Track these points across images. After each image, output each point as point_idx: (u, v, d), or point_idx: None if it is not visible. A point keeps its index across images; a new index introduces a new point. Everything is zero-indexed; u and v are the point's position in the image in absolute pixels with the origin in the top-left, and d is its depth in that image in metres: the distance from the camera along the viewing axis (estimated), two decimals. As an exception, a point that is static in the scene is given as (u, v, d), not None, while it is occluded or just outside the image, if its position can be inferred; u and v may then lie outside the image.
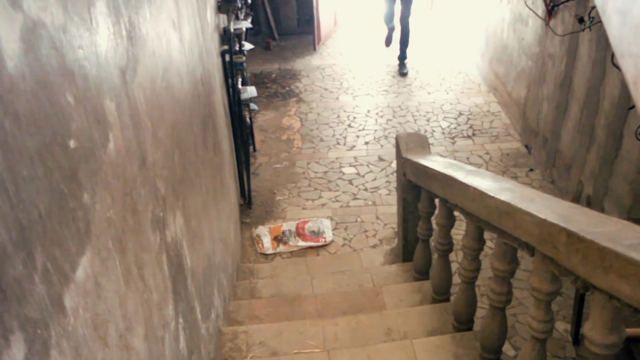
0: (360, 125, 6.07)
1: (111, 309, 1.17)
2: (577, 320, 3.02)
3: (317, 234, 4.31)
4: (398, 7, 6.97)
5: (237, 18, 4.23)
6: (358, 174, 5.21)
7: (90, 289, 1.05)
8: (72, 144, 1.00)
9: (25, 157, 0.82)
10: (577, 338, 3.07)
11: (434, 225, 2.94)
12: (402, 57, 7.16)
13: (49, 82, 0.92)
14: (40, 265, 0.85)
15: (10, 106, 0.78)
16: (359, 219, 4.58)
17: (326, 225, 4.43)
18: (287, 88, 6.99)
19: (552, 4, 4.49)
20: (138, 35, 1.51)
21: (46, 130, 0.90)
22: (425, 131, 5.85)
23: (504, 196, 1.98)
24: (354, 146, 5.68)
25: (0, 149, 0.75)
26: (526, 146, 5.41)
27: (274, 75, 7.35)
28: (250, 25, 4.58)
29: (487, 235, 2.36)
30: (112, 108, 1.24)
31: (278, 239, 4.32)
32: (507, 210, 1.92)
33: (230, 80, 3.96)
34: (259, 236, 4.36)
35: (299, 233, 4.36)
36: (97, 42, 1.16)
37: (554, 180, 4.75)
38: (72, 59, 1.02)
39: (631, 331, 2.26)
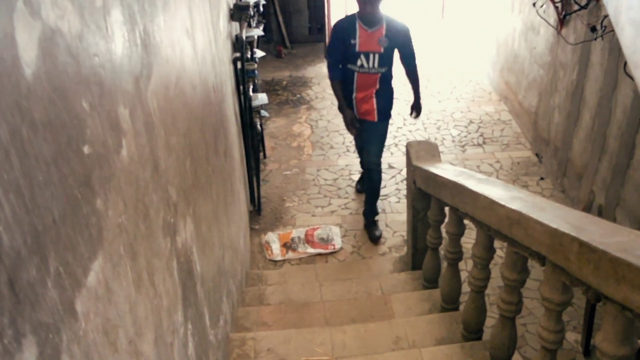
0: (371, 132, 6.06)
1: (121, 314, 1.17)
2: (588, 331, 3.00)
3: (326, 241, 4.31)
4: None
5: (249, 26, 4.25)
6: (368, 181, 5.20)
7: (102, 294, 1.06)
8: (86, 150, 1.01)
9: (41, 163, 0.83)
10: (587, 349, 3.05)
11: (444, 234, 2.94)
12: (372, 213, 4.54)
13: (65, 89, 0.93)
14: (53, 270, 0.86)
15: (27, 113, 0.79)
16: (368, 227, 4.57)
17: (335, 233, 4.42)
18: (298, 95, 7.01)
19: (564, 12, 4.48)
20: (152, 43, 1.52)
21: (61, 137, 0.91)
22: (436, 139, 5.85)
23: (514, 205, 1.97)
24: (364, 154, 5.68)
25: (17, 155, 0.76)
26: (537, 155, 5.39)
27: (285, 83, 7.38)
28: (262, 33, 4.60)
29: (497, 244, 2.35)
30: (126, 115, 1.25)
31: (287, 246, 4.32)
32: (518, 219, 1.91)
33: (241, 87, 3.97)
34: (268, 243, 4.37)
35: (308, 240, 4.36)
36: (113, 50, 1.17)
37: (565, 189, 4.72)
38: (88, 66, 1.03)
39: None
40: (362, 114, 4.19)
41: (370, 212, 4.52)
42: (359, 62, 4.00)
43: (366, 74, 4.04)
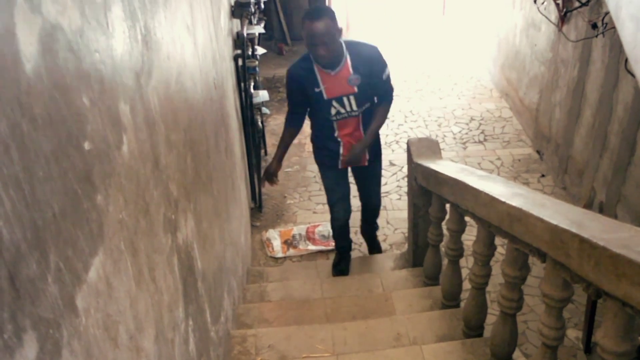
0: (372, 129, 6.06)
1: (122, 310, 1.17)
2: (589, 327, 3.00)
3: (327, 238, 4.31)
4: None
5: (250, 23, 4.24)
6: (369, 178, 5.19)
7: (102, 289, 1.06)
8: (86, 145, 1.01)
9: (41, 158, 0.83)
10: (588, 346, 3.05)
11: (445, 231, 2.94)
12: (375, 227, 4.12)
13: (65, 85, 0.93)
14: (53, 265, 0.86)
15: (27, 108, 0.79)
16: (369, 224, 4.57)
17: (336, 230, 4.42)
18: (298, 92, 7.00)
19: (565, 9, 4.47)
20: (153, 39, 1.52)
21: (62, 132, 0.91)
22: (437, 136, 5.84)
23: (515, 202, 1.97)
24: (365, 151, 5.67)
25: (17, 150, 0.76)
26: (538, 152, 5.39)
27: (286, 80, 7.36)
28: (263, 30, 4.60)
29: (498, 241, 2.35)
30: (126, 111, 1.25)
31: (288, 243, 4.32)
32: (519, 215, 1.91)
33: (242, 84, 3.97)
34: (269, 240, 4.37)
35: (309, 237, 4.36)
36: (113, 46, 1.17)
37: (566, 186, 4.72)
38: (88, 62, 1.03)
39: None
40: (352, 163, 3.42)
41: (374, 230, 4.10)
42: (333, 111, 3.18)
43: (345, 119, 3.22)
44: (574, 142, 4.53)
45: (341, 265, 3.88)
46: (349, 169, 3.60)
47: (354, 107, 3.17)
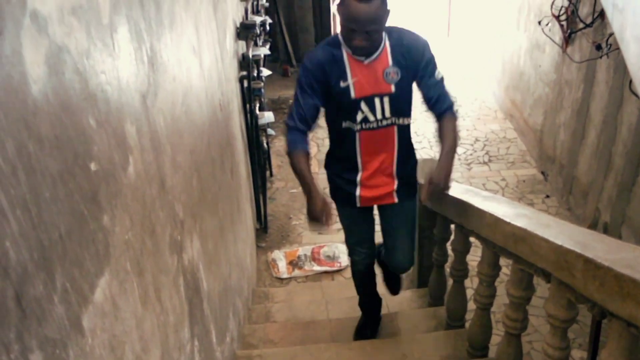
0: (377, 150, 6.07)
1: (128, 330, 1.18)
2: (594, 348, 2.97)
3: (332, 258, 4.30)
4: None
5: (255, 44, 4.28)
6: (374, 199, 5.18)
7: (108, 310, 1.06)
8: (93, 166, 1.02)
9: (48, 179, 0.84)
10: (594, 367, 3.01)
11: (450, 251, 2.93)
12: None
13: (71, 106, 0.94)
14: (59, 286, 0.86)
15: (34, 129, 0.80)
16: (374, 244, 4.56)
17: (341, 250, 4.41)
18: (303, 113, 7.03)
19: (569, 30, 4.50)
20: (159, 61, 1.54)
21: (68, 153, 0.92)
22: (442, 157, 5.84)
23: (520, 222, 1.97)
24: (370, 171, 5.66)
25: (24, 171, 0.77)
26: (542, 173, 5.38)
27: (291, 101, 7.40)
28: (268, 52, 4.64)
29: (502, 261, 2.34)
30: (132, 132, 1.26)
31: (293, 264, 4.32)
32: (523, 236, 1.91)
33: (248, 106, 4.00)
34: (274, 260, 4.36)
35: (315, 258, 4.35)
36: (119, 67, 1.19)
37: (571, 207, 4.70)
38: (94, 83, 1.04)
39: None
40: (375, 199, 2.62)
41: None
42: (359, 116, 2.39)
43: (374, 130, 2.43)
44: (578, 163, 4.53)
45: (367, 329, 3.10)
46: (374, 207, 2.74)
47: (387, 114, 2.40)
